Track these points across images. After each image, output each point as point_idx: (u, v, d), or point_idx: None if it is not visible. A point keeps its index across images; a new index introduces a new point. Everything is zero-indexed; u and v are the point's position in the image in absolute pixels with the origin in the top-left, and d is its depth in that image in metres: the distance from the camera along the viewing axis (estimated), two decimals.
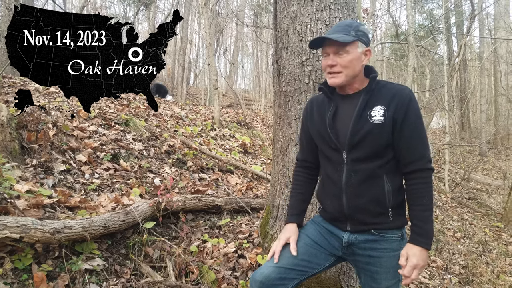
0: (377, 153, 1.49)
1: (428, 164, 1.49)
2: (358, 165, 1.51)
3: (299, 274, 1.57)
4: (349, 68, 1.49)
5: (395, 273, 1.52)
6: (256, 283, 1.53)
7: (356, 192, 1.52)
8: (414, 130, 1.47)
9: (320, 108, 1.64)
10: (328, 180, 1.62)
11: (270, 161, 3.68)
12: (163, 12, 22.87)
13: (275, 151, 2.71)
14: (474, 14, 10.60)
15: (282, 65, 2.56)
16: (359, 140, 1.48)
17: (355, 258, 1.59)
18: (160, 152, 4.76)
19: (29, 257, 2.23)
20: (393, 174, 1.52)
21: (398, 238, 1.54)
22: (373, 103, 1.50)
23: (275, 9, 2.66)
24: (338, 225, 1.61)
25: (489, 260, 4.47)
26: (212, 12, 11.00)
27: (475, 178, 9.85)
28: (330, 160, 1.59)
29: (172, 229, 3.11)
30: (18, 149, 3.25)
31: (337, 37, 1.46)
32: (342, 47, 1.48)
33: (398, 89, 1.50)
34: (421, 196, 1.47)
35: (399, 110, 1.46)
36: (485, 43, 16.51)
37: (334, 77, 1.51)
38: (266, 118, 12.22)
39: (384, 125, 1.46)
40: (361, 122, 1.48)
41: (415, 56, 10.00)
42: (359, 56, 1.51)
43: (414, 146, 1.48)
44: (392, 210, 1.52)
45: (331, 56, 1.50)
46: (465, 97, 14.78)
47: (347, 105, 1.56)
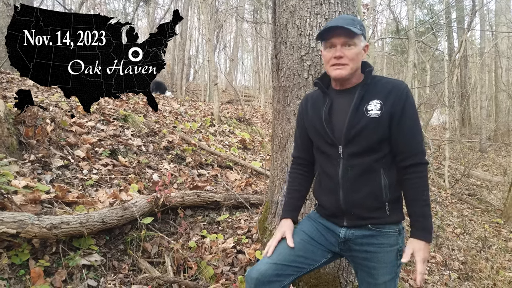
0: (373, 147, 1.48)
1: (424, 158, 1.50)
2: (354, 160, 1.50)
3: (295, 271, 1.56)
4: (355, 61, 1.49)
5: (392, 268, 1.52)
6: (252, 279, 1.52)
7: (353, 186, 1.51)
8: (411, 124, 1.48)
9: (315, 103, 1.64)
10: (324, 176, 1.61)
11: (270, 157, 3.67)
12: (162, 8, 22.77)
13: (274, 147, 2.70)
14: (475, 9, 10.55)
15: (281, 59, 2.53)
16: (355, 134, 1.47)
17: (352, 253, 1.58)
18: (159, 148, 4.75)
19: (26, 252, 2.22)
20: (389, 168, 1.52)
21: (395, 233, 1.53)
22: (369, 97, 1.49)
23: (274, 3, 2.64)
24: (334, 221, 1.60)
25: (489, 256, 4.47)
26: (212, 7, 10.95)
27: (475, 174, 9.84)
28: (327, 155, 1.58)
29: (171, 225, 3.10)
30: (16, 144, 3.24)
31: (350, 27, 1.45)
32: (351, 38, 1.47)
33: (395, 84, 1.51)
34: (421, 191, 1.48)
35: (396, 104, 1.46)
36: (486, 38, 16.46)
37: (340, 69, 1.49)
38: (266, 114, 12.19)
39: (381, 119, 1.46)
40: (357, 116, 1.48)
41: (415, 52, 9.97)
42: (361, 51, 1.52)
43: (412, 140, 1.48)
44: (389, 204, 1.51)
45: (338, 48, 1.48)
46: (465, 93, 14.75)
47: (343, 99, 1.55)
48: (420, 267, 1.43)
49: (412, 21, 7.48)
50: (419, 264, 1.43)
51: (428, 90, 13.90)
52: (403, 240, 1.56)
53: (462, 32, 11.61)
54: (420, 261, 1.43)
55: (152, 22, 18.73)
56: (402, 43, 13.76)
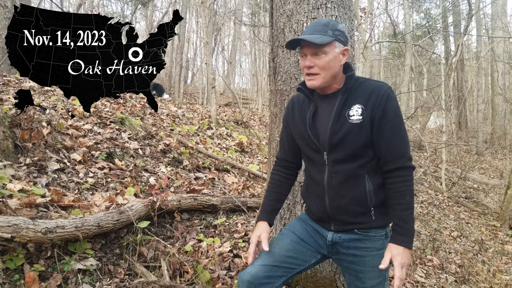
0: (357, 153, 1.46)
1: (408, 162, 1.45)
2: (339, 166, 1.48)
3: (286, 272, 1.56)
4: (327, 70, 1.45)
5: (380, 272, 1.51)
6: (244, 282, 1.51)
7: (338, 193, 1.50)
8: (392, 128, 1.43)
9: (301, 108, 1.62)
10: (311, 181, 1.61)
11: (267, 160, 3.66)
12: (160, 10, 22.77)
13: (271, 150, 2.69)
14: (471, 13, 10.61)
15: (278, 63, 2.53)
16: (338, 141, 1.45)
17: (339, 257, 1.59)
18: (155, 151, 4.73)
19: (21, 257, 2.20)
20: (374, 173, 1.50)
21: (382, 237, 1.53)
22: (351, 102, 1.46)
23: (271, 7, 2.64)
24: (322, 225, 1.61)
25: (485, 259, 4.47)
26: (210, 10, 10.95)
27: (472, 177, 9.87)
28: (312, 161, 1.57)
29: (167, 229, 3.08)
30: (12, 147, 3.22)
31: (313, 38, 1.40)
32: (320, 48, 1.43)
33: (375, 86, 1.46)
34: (401, 195, 1.44)
35: (376, 108, 1.42)
36: (482, 42, 16.54)
37: (312, 79, 1.47)
38: (264, 117, 12.19)
39: (363, 124, 1.42)
40: (339, 123, 1.45)
41: (412, 56, 10.01)
42: (336, 57, 1.46)
43: (393, 144, 1.45)
44: (375, 209, 1.50)
45: (308, 57, 1.45)
46: (462, 97, 14.83)
47: (326, 105, 1.53)
48: (398, 272, 1.38)
49: (409, 25, 7.51)
50: (397, 269, 1.38)
51: (425, 93, 13.96)
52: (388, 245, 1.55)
53: (459, 36, 11.67)
54: (398, 265, 1.38)
55: (150, 24, 18.74)
56: (399, 46, 13.82)
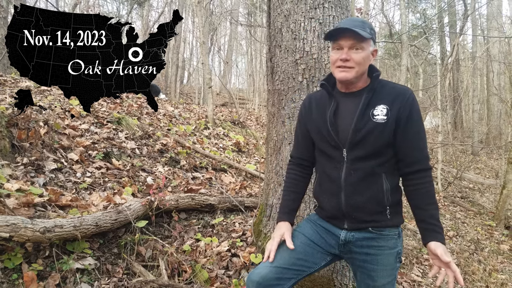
0: (377, 151, 1.49)
1: (429, 163, 1.51)
2: (358, 163, 1.50)
3: (295, 274, 1.56)
4: (361, 65, 1.48)
5: (391, 270, 1.53)
6: (253, 283, 1.51)
7: (355, 190, 1.51)
8: (418, 130, 1.49)
9: (319, 105, 1.62)
10: (326, 178, 1.60)
11: (264, 160, 3.68)
12: (156, 10, 22.74)
13: (268, 150, 2.70)
14: (467, 14, 10.66)
15: (275, 63, 2.55)
16: (361, 139, 1.47)
17: (352, 256, 1.59)
18: (153, 150, 4.73)
19: (19, 256, 2.20)
20: (391, 173, 1.53)
21: (395, 236, 1.55)
22: (376, 102, 1.49)
23: (269, 7, 2.65)
24: (335, 223, 1.60)
25: (481, 258, 4.50)
26: (206, 10, 10.95)
27: (467, 177, 9.92)
28: (329, 157, 1.57)
29: (165, 228, 3.09)
30: (9, 147, 3.21)
31: (359, 31, 1.43)
32: (360, 42, 1.46)
33: (401, 89, 1.51)
34: (430, 195, 1.48)
35: (403, 110, 1.46)
36: (478, 43, 16.65)
37: (346, 71, 1.48)
38: (260, 117, 12.20)
39: (387, 124, 1.46)
40: (363, 121, 1.48)
41: (408, 56, 10.05)
42: (369, 55, 1.50)
43: (418, 145, 1.49)
44: (390, 208, 1.52)
45: (345, 50, 1.48)
46: (458, 97, 14.89)
47: (349, 102, 1.54)
48: (454, 266, 1.41)
49: (405, 25, 7.54)
50: (452, 264, 1.41)
51: (421, 93, 14.02)
52: (402, 243, 1.58)
53: (455, 37, 11.74)
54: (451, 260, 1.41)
55: (146, 24, 18.70)
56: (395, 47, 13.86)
